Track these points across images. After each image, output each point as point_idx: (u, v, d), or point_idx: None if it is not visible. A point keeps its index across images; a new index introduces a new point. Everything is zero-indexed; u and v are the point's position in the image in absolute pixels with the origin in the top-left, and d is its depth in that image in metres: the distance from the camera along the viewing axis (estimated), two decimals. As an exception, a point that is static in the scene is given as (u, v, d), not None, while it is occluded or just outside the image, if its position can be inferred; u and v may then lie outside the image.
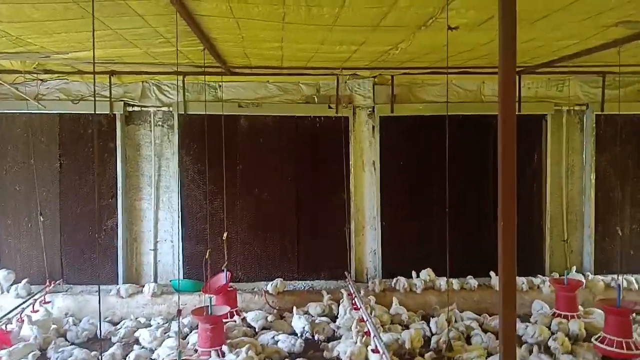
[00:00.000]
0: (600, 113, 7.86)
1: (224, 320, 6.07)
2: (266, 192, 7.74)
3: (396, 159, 7.81)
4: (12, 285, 7.07)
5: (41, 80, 7.38)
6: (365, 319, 5.70)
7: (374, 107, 7.72)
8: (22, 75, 6.89)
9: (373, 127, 7.76)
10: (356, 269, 7.82)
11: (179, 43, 5.10)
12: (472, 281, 7.32)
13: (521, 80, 7.70)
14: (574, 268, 7.73)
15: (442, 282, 7.20)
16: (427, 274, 7.27)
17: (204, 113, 7.10)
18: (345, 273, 7.61)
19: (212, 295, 5.82)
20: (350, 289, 6.81)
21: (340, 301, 6.78)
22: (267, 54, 5.83)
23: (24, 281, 7.02)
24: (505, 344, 2.85)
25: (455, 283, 7.22)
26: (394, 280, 7.31)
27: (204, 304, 5.77)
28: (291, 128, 7.73)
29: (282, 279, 7.32)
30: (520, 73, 7.56)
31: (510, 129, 2.93)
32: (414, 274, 7.35)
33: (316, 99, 7.66)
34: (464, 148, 7.82)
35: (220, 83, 7.61)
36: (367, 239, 7.86)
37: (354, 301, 6.48)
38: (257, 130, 7.72)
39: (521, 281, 7.24)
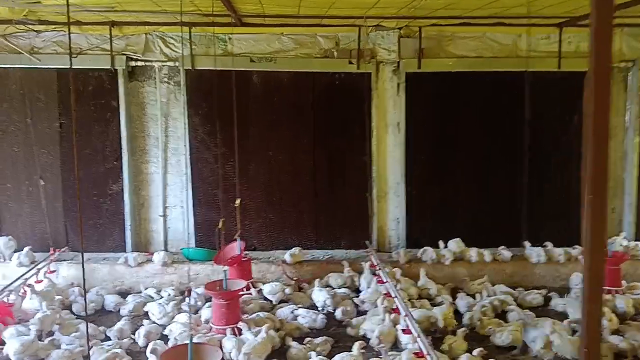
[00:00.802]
0: (649, 70, 7.15)
1: (242, 293, 5.65)
2: (281, 155, 7.19)
3: (423, 119, 7.20)
4: (14, 252, 6.65)
5: (36, 31, 6.75)
6: (392, 295, 5.23)
7: (399, 63, 7.04)
8: (14, 25, 6.25)
9: (398, 85, 7.11)
10: (378, 238, 7.34)
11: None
12: (506, 252, 6.80)
13: (562, 34, 6.98)
14: (623, 235, 7.16)
15: (472, 253, 6.69)
16: (456, 244, 6.76)
17: (213, 68, 6.53)
18: (367, 242, 7.13)
19: (226, 267, 5.36)
20: (374, 260, 6.33)
21: (362, 274, 6.31)
22: (284, -2, 5.17)
23: (26, 249, 6.60)
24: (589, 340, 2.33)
25: (487, 254, 6.72)
26: (420, 250, 6.81)
27: (217, 274, 5.35)
28: (308, 85, 7.09)
29: (299, 248, 6.85)
30: (561, 25, 6.86)
31: (604, 87, 2.32)
32: (441, 244, 6.84)
33: (335, 53, 6.98)
34: (497, 108, 7.20)
35: (231, 35, 6.94)
36: (390, 206, 7.34)
37: (377, 273, 6.01)
38: (271, 88, 7.09)
39: (558, 252, 6.74)
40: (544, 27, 6.86)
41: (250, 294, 5.94)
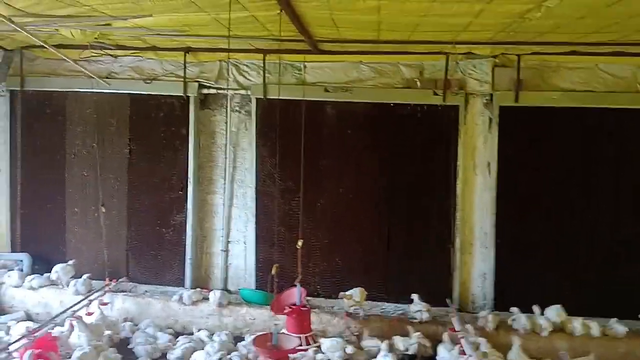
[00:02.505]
0: None
1: (298, 348, 4.97)
2: (352, 194, 6.51)
3: (519, 160, 6.22)
4: (72, 278, 6.47)
5: (112, 56, 6.73)
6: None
7: (492, 95, 6.17)
8: (89, 50, 6.22)
9: (490, 120, 6.22)
10: (460, 296, 6.35)
11: (252, 3, 4.04)
12: (619, 326, 5.55)
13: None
14: None
15: (576, 324, 5.53)
16: (556, 312, 5.62)
17: (286, 98, 6.10)
18: (447, 301, 6.18)
19: (279, 320, 4.70)
20: (456, 325, 5.36)
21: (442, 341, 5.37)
22: (361, 19, 4.58)
23: (85, 276, 6.40)
24: None
25: (595, 327, 5.52)
26: (513, 316, 5.73)
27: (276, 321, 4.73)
28: (386, 118, 6.40)
29: (363, 289, 6.00)
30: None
31: None
32: (536, 309, 5.74)
33: (419, 83, 6.25)
34: (612, 149, 6.08)
35: (306, 63, 6.49)
36: (476, 259, 6.35)
37: (460, 342, 5.03)
38: (345, 120, 6.49)
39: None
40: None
41: (306, 349, 5.23)
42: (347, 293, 5.88)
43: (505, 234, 6.24)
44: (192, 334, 5.80)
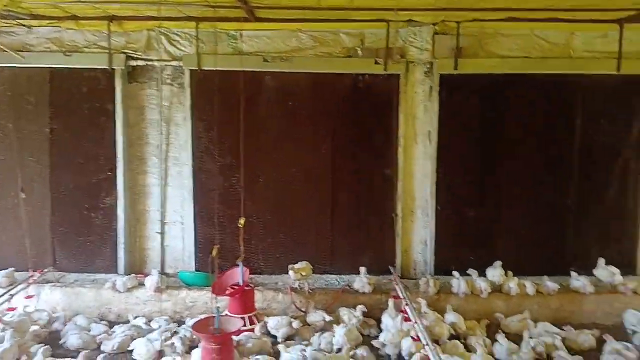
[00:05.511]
0: None
1: (242, 328, 4.76)
2: (295, 167, 6.32)
3: (458, 128, 6.26)
4: (-8, 272, 5.89)
5: (26, 26, 6.09)
6: (423, 342, 4.24)
7: (432, 63, 6.15)
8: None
9: (430, 88, 6.20)
10: (402, 263, 6.40)
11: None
12: (551, 284, 5.81)
13: (623, 31, 6.01)
14: None
15: (512, 284, 5.73)
16: (499, 272, 5.79)
17: (222, 69, 5.81)
18: (390, 268, 6.19)
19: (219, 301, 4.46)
20: (399, 292, 5.36)
21: (385, 309, 5.37)
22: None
23: (8, 270, 5.86)
24: None
25: (530, 285, 5.74)
26: (455, 279, 5.84)
27: (218, 303, 4.48)
28: (328, 88, 6.23)
29: (308, 262, 5.90)
30: (621, 21, 5.91)
31: None
32: (474, 273, 5.88)
33: (360, 52, 6.12)
34: (544, 116, 6.25)
35: (242, 32, 6.16)
36: (418, 227, 6.40)
37: (404, 308, 5.03)
38: (285, 91, 6.26)
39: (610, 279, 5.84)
40: (601, 23, 5.90)
41: (252, 330, 5.03)
42: (296, 266, 5.75)
43: (444, 202, 6.31)
44: (128, 322, 5.46)
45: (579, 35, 6.12)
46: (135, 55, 6.25)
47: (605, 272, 5.91)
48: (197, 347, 4.69)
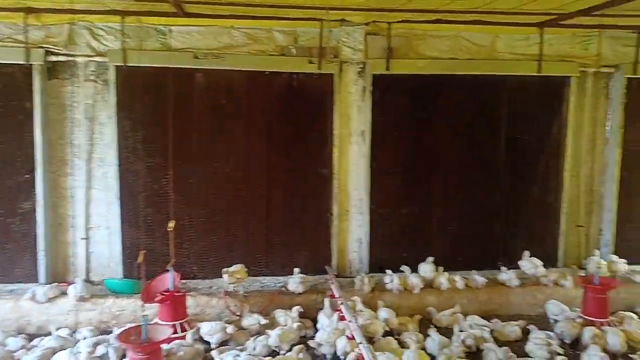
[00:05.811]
0: (633, 76, 6.56)
1: (172, 336, 4.58)
2: (228, 168, 6.17)
3: (391, 128, 6.35)
4: None
5: None
6: (357, 340, 4.24)
7: (365, 63, 6.20)
8: None
9: (364, 88, 6.25)
10: (338, 262, 6.41)
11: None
12: (478, 277, 6.04)
13: (543, 35, 6.33)
14: (597, 253, 6.51)
15: (442, 279, 5.89)
16: (430, 268, 5.93)
17: (150, 65, 5.60)
18: (327, 268, 6.19)
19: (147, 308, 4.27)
20: (335, 292, 5.36)
21: (321, 309, 5.35)
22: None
23: None
24: None
25: (459, 280, 5.94)
26: (388, 276, 5.92)
27: (147, 310, 4.28)
28: (262, 87, 6.13)
29: (243, 265, 5.79)
30: (542, 25, 6.21)
31: None
32: (407, 269, 6.02)
33: (294, 51, 6.07)
34: (472, 116, 6.47)
35: (171, 27, 5.94)
36: (353, 225, 6.42)
37: (339, 308, 5.02)
38: (218, 89, 6.09)
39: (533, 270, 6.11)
40: (523, 26, 6.19)
41: (184, 337, 4.85)
42: (230, 270, 5.61)
43: (379, 200, 6.38)
44: (49, 334, 5.11)
45: (503, 37, 6.37)
46: (55, 50, 5.86)
47: (529, 264, 6.19)
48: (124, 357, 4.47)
